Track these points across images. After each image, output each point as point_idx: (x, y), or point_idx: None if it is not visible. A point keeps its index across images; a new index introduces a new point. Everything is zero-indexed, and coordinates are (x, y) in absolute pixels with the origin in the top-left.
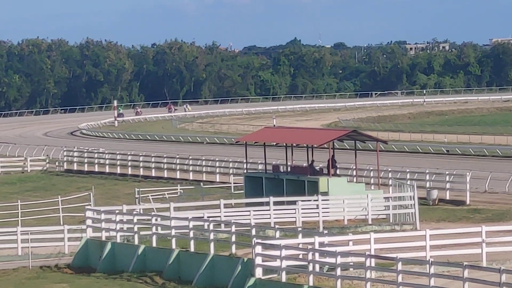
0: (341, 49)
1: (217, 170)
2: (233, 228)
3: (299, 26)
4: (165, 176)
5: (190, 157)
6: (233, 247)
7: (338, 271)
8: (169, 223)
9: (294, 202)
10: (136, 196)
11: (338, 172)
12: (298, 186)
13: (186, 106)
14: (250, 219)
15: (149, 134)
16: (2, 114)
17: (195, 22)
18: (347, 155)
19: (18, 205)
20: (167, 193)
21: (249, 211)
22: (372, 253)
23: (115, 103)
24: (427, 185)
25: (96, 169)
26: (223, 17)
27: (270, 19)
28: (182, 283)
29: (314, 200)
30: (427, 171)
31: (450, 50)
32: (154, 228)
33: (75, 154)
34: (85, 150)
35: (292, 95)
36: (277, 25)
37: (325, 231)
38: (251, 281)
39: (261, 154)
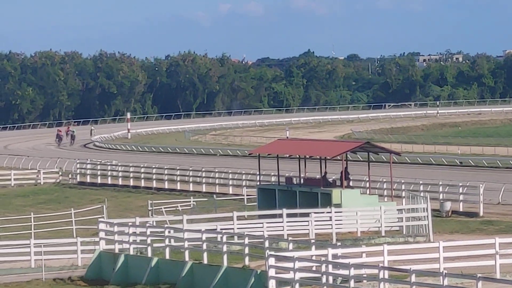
0: (354, 61)
1: (230, 182)
2: (246, 240)
3: (312, 37)
4: (178, 188)
5: (203, 169)
6: (247, 259)
7: (352, 283)
8: (182, 235)
9: (307, 214)
10: (149, 208)
11: (351, 184)
12: (311, 198)
13: (92, 130)
14: (263, 231)
15: (162, 147)
16: (15, 126)
17: (209, 34)
18: (360, 167)
19: (31, 217)
20: (180, 205)
21: (262, 223)
22: (386, 265)
23: (129, 115)
24: (440, 197)
25: (109, 181)
26: (236, 28)
27: (284, 30)
28: None
29: (327, 212)
30: (440, 183)
31: (463, 62)
32: (167, 240)
33: (88, 166)
34: (98, 163)
35: (305, 107)
36: (291, 36)
37: (339, 243)
38: None
39: (274, 166)
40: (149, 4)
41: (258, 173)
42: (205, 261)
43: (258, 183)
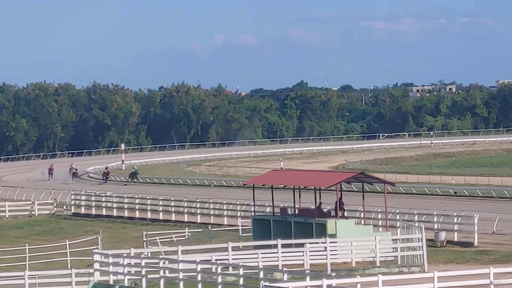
0: (348, 92)
1: (225, 213)
2: (241, 271)
3: (306, 68)
4: (173, 219)
5: (198, 200)
6: None
7: None
8: (177, 266)
9: (302, 245)
10: (144, 239)
11: (346, 214)
12: (306, 229)
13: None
14: (258, 261)
15: (156, 178)
16: (9, 158)
17: (203, 65)
18: (355, 197)
19: (25, 249)
20: (175, 236)
21: (257, 253)
22: None
23: (123, 146)
24: (435, 226)
25: (104, 212)
26: (230, 60)
27: (278, 61)
28: None
29: (322, 243)
30: (434, 213)
31: (457, 92)
32: (161, 272)
33: (83, 197)
34: (93, 194)
35: (299, 138)
36: (284, 67)
37: (333, 274)
38: None
39: (269, 196)
40: (143, 36)
41: (252, 203)
42: None
43: (252, 214)
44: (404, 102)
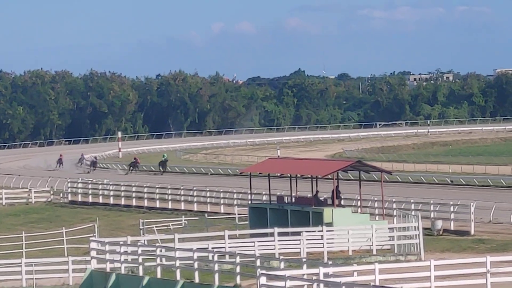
0: (345, 80)
1: (222, 201)
2: (238, 259)
3: (303, 57)
4: (170, 207)
5: (195, 188)
6: (238, 278)
7: None
8: (174, 254)
9: (298, 233)
10: (141, 227)
11: (342, 202)
12: (303, 217)
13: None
14: (254, 250)
15: (153, 165)
16: (6, 145)
17: (200, 53)
18: (352, 185)
19: (22, 236)
20: (172, 224)
21: (253, 242)
22: (377, 283)
23: (120, 134)
24: (432, 215)
25: (101, 200)
26: (228, 48)
27: (275, 50)
28: None
29: (319, 231)
30: (431, 202)
31: (454, 81)
32: (158, 259)
33: (80, 185)
34: (89, 182)
35: (296, 126)
36: (282, 56)
37: (330, 262)
38: None
39: (266, 185)
40: (140, 24)
41: (249, 192)
42: (197, 280)
43: (249, 202)
44: (401, 90)
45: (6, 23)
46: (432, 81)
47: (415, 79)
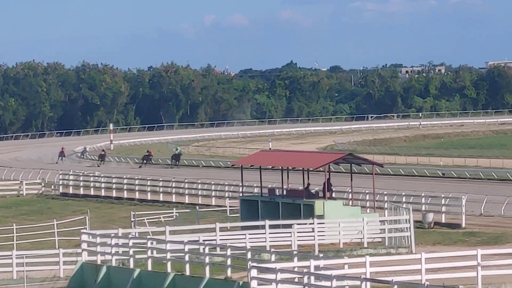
0: (337, 72)
1: (213, 194)
2: (229, 252)
3: (295, 49)
4: (161, 199)
5: (186, 181)
6: (229, 270)
7: None
8: (165, 247)
9: (289, 226)
10: (132, 219)
11: (333, 195)
12: (294, 210)
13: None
14: (245, 242)
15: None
16: None
17: (192, 46)
18: (343, 178)
19: (13, 228)
20: (163, 217)
21: (244, 234)
22: (368, 276)
23: (111, 126)
24: (423, 208)
25: (92, 192)
26: (220, 40)
27: (267, 42)
28: None
29: (310, 224)
30: (422, 194)
31: (446, 73)
32: (149, 252)
33: (71, 177)
34: (81, 174)
35: (288, 118)
36: (274, 48)
37: (321, 255)
38: None
39: (257, 177)
40: (133, 16)
41: (241, 184)
42: (187, 273)
43: (240, 195)
44: (393, 83)
45: None
46: (424, 74)
47: (407, 72)
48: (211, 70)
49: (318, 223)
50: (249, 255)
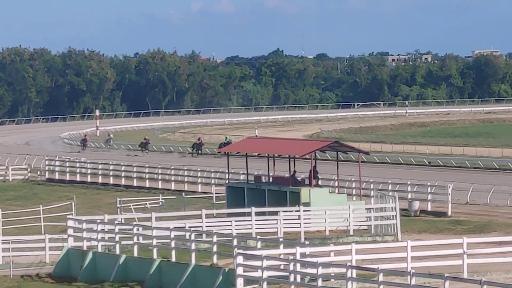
0: (324, 60)
1: (199, 180)
2: (215, 238)
3: (282, 36)
4: (147, 186)
5: (172, 167)
6: (215, 257)
7: (319, 282)
8: (151, 233)
9: (275, 213)
10: (118, 205)
11: (320, 183)
12: (280, 197)
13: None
14: (231, 229)
15: (131, 144)
16: None
17: (179, 32)
18: (329, 166)
19: None
20: (149, 203)
21: (230, 221)
22: (354, 264)
23: (97, 112)
24: (409, 196)
25: (78, 178)
26: (206, 27)
27: (254, 29)
28: None
29: (296, 211)
30: (408, 182)
31: (432, 62)
32: (135, 238)
33: (57, 163)
34: (67, 160)
35: (274, 106)
36: (260, 35)
37: (307, 242)
38: None
39: (243, 164)
40: (119, 2)
41: (227, 171)
42: (173, 259)
43: (227, 181)
44: (380, 71)
45: None
46: (410, 62)
47: (393, 60)
48: (195, 57)
49: (304, 211)
50: (235, 242)
